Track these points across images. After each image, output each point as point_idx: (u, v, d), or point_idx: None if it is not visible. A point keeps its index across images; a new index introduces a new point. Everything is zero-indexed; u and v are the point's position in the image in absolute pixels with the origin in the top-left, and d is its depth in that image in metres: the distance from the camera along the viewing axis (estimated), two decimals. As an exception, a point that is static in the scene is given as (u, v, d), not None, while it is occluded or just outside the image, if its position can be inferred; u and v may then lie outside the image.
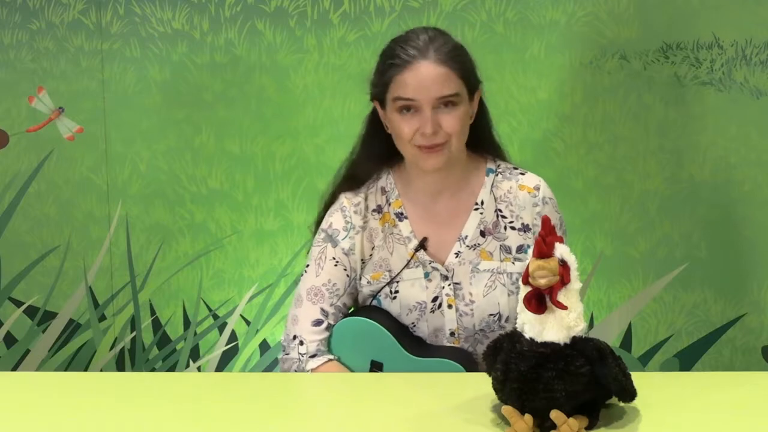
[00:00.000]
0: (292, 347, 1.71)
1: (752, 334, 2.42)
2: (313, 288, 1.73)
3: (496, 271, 1.70)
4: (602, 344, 1.25)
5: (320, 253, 1.75)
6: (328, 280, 1.73)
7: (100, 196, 2.60)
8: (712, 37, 2.32)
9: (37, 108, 2.58)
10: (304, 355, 1.69)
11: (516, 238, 1.72)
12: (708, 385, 1.46)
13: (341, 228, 1.74)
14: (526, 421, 1.21)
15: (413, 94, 1.61)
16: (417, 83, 1.61)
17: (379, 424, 1.32)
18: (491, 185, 1.74)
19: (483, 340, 1.70)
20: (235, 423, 1.33)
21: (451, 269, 1.71)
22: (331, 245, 1.74)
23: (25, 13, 2.54)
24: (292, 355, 1.70)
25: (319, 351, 1.70)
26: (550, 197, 1.75)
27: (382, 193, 1.76)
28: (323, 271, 1.73)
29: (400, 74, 1.62)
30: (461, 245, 1.71)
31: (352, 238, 1.73)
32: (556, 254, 1.22)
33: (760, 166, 2.35)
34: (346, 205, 1.75)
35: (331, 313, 1.72)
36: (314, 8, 2.44)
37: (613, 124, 2.39)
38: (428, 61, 1.62)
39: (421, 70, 1.61)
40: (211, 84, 2.51)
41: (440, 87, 1.61)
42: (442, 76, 1.61)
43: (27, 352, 2.68)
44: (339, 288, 1.73)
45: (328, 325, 1.72)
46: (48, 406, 1.42)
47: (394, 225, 1.74)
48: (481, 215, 1.73)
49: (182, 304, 2.62)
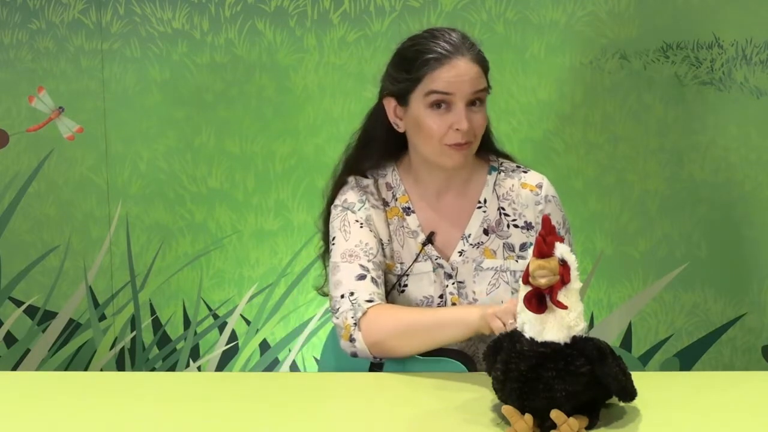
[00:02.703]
0: (342, 302, 1.62)
1: (752, 334, 2.42)
2: (347, 251, 1.68)
3: (499, 269, 1.71)
4: (602, 344, 1.25)
5: (342, 222, 1.71)
6: (359, 240, 1.68)
7: (100, 196, 2.60)
8: (712, 37, 2.32)
9: (37, 108, 2.58)
10: (356, 301, 1.60)
11: (519, 236, 1.72)
12: (708, 385, 1.46)
13: (356, 200, 1.73)
14: (526, 421, 1.21)
15: (451, 88, 1.62)
16: (455, 78, 1.62)
17: (379, 424, 1.32)
18: (494, 183, 1.75)
19: (486, 339, 1.69)
20: (235, 423, 1.33)
21: (455, 267, 1.71)
22: (351, 212, 1.72)
23: (25, 13, 2.54)
24: (343, 307, 1.61)
25: (372, 299, 1.61)
26: (553, 195, 1.75)
27: (387, 188, 1.76)
28: (351, 236, 1.69)
29: (437, 69, 1.63)
30: (465, 244, 1.72)
31: (368, 210, 1.72)
32: (556, 254, 1.22)
33: (760, 166, 2.35)
34: (356, 184, 1.75)
35: (372, 268, 1.65)
36: (314, 8, 2.44)
37: (613, 124, 2.39)
38: (465, 58, 1.64)
39: (459, 65, 1.63)
40: (211, 84, 2.51)
41: (475, 82, 1.64)
42: (476, 72, 1.64)
43: (27, 352, 2.68)
44: (372, 247, 1.68)
45: (373, 279, 1.64)
46: (48, 406, 1.41)
47: (403, 218, 1.74)
48: (484, 213, 1.73)
49: (182, 303, 2.62)
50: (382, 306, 1.61)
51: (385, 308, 1.61)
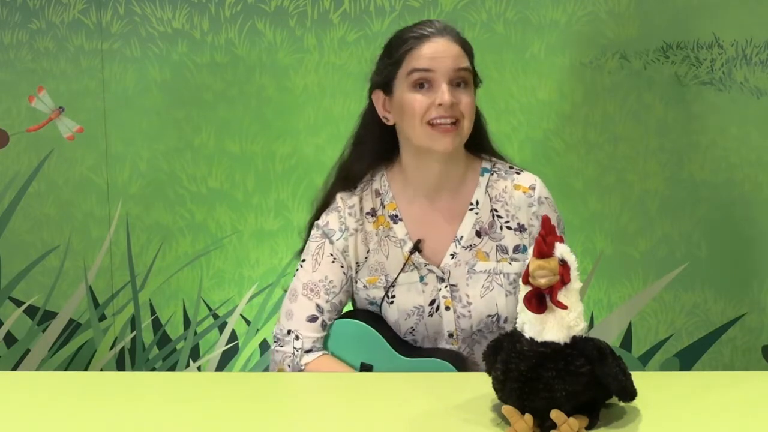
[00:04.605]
0: (287, 341, 1.71)
1: (752, 334, 2.42)
2: (309, 283, 1.72)
3: (492, 272, 1.69)
4: (602, 344, 1.25)
5: (318, 249, 1.74)
6: (324, 276, 1.72)
7: (100, 196, 2.60)
8: (712, 36, 2.32)
9: (37, 108, 2.58)
10: (299, 350, 1.69)
11: (512, 238, 1.70)
12: (708, 385, 1.45)
13: (337, 228, 1.74)
14: (526, 421, 1.21)
15: (431, 64, 1.63)
16: (434, 54, 1.63)
17: (379, 424, 1.32)
18: (486, 185, 1.73)
19: (481, 341, 1.69)
20: (235, 423, 1.33)
21: (447, 271, 1.70)
22: (329, 242, 1.74)
23: (25, 12, 2.54)
24: (287, 349, 1.70)
25: (314, 347, 1.70)
26: (546, 196, 1.73)
27: (376, 195, 1.75)
28: (320, 267, 1.73)
29: (417, 48, 1.64)
30: (457, 246, 1.70)
31: (346, 240, 1.73)
32: (556, 254, 1.22)
33: (760, 166, 2.35)
34: (341, 206, 1.75)
35: (327, 310, 1.72)
36: (314, 8, 2.44)
37: (613, 124, 2.39)
38: (445, 38, 1.65)
39: (439, 43, 1.64)
40: (211, 84, 2.51)
41: (457, 60, 1.64)
42: (457, 51, 1.65)
43: (27, 352, 2.68)
44: (335, 285, 1.72)
45: (323, 322, 1.71)
46: (48, 406, 1.41)
47: (389, 227, 1.73)
48: (477, 215, 1.71)
49: (182, 303, 2.62)
50: (320, 361, 1.69)
51: (321, 366, 1.68)
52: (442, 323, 1.70)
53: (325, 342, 1.72)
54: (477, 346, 1.70)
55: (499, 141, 1.90)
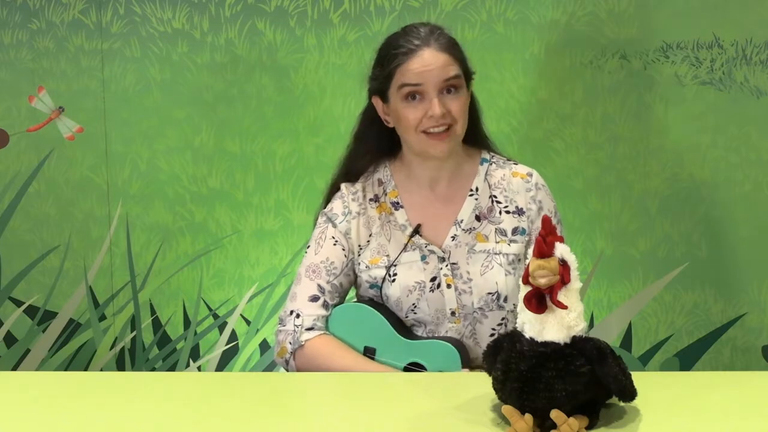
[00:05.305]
0: (289, 320, 1.75)
1: (752, 334, 2.42)
2: (312, 265, 1.78)
3: (492, 252, 1.74)
4: (602, 344, 1.25)
5: (321, 233, 1.81)
6: (326, 258, 1.78)
7: (100, 196, 2.60)
8: (712, 36, 2.32)
9: (37, 108, 2.58)
10: (299, 326, 1.73)
11: (511, 221, 1.76)
12: (708, 385, 1.46)
13: (340, 213, 1.80)
14: (526, 421, 1.21)
15: (419, 79, 1.68)
16: (422, 68, 1.68)
17: (379, 424, 1.32)
18: (485, 173, 1.80)
19: (482, 320, 1.74)
20: (235, 423, 1.33)
21: (448, 251, 1.75)
22: (331, 225, 1.80)
23: (25, 12, 2.54)
24: (288, 327, 1.74)
25: (315, 325, 1.73)
26: (543, 184, 1.81)
27: (378, 184, 1.82)
28: (322, 250, 1.79)
29: (405, 63, 1.69)
30: (457, 229, 1.76)
31: (349, 222, 1.79)
32: (556, 254, 1.22)
33: (760, 166, 2.35)
34: (345, 192, 1.82)
35: (328, 290, 1.76)
36: (314, 8, 2.44)
37: (613, 124, 2.39)
38: (431, 48, 1.69)
39: (425, 56, 1.69)
40: (211, 84, 2.51)
41: (444, 70, 1.69)
42: (445, 60, 1.69)
43: (27, 352, 2.68)
44: (336, 267, 1.77)
45: (325, 302, 1.75)
46: (48, 406, 1.42)
47: (391, 213, 1.79)
48: (476, 201, 1.78)
49: (182, 303, 2.62)
50: (320, 340, 1.71)
51: (321, 345, 1.71)
52: (444, 301, 1.73)
53: (328, 326, 1.75)
54: (479, 325, 1.74)
55: (499, 141, 1.93)
